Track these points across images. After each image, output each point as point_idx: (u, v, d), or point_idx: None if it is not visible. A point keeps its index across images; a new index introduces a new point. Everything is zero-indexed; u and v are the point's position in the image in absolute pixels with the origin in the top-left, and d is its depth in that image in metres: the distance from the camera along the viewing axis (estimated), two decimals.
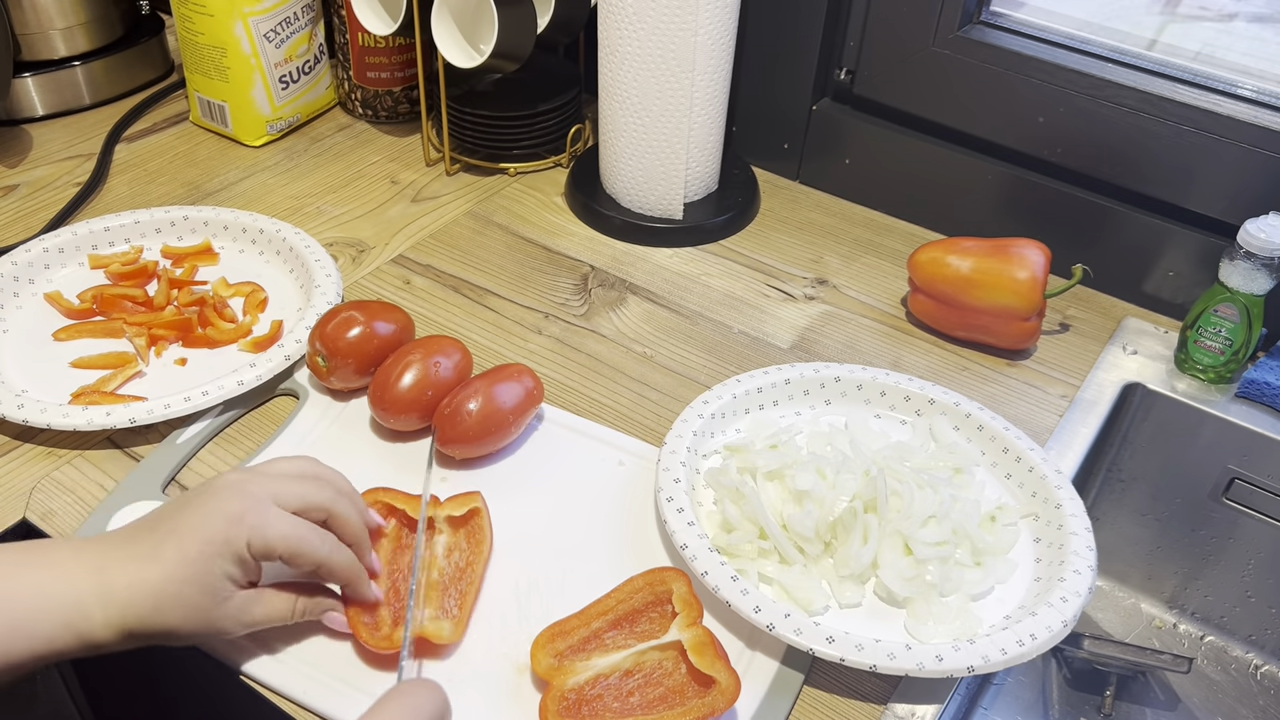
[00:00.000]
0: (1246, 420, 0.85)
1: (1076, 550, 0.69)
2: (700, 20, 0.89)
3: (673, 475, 0.71)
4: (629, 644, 0.62)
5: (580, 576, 0.69)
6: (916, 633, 0.66)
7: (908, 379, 0.81)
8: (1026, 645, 0.63)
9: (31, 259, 0.89)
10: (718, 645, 0.61)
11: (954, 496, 0.72)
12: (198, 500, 0.58)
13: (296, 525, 0.59)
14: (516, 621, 0.66)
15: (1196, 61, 0.91)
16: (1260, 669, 0.95)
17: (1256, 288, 0.82)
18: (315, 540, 0.59)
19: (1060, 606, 0.65)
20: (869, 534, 0.68)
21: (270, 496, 0.59)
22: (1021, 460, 0.76)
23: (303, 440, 0.77)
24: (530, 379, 0.76)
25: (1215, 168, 0.88)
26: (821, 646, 0.62)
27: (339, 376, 0.78)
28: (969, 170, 0.99)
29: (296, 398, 0.81)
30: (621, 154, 0.99)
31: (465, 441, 0.74)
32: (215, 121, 1.12)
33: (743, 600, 0.64)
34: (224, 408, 0.78)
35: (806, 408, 0.81)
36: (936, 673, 0.61)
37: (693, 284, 0.96)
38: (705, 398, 0.78)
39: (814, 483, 0.70)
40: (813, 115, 1.06)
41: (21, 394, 0.77)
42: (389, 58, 1.12)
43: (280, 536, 0.58)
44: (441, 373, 0.76)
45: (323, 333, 0.78)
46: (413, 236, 1.00)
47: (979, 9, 0.96)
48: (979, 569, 0.70)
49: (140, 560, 0.57)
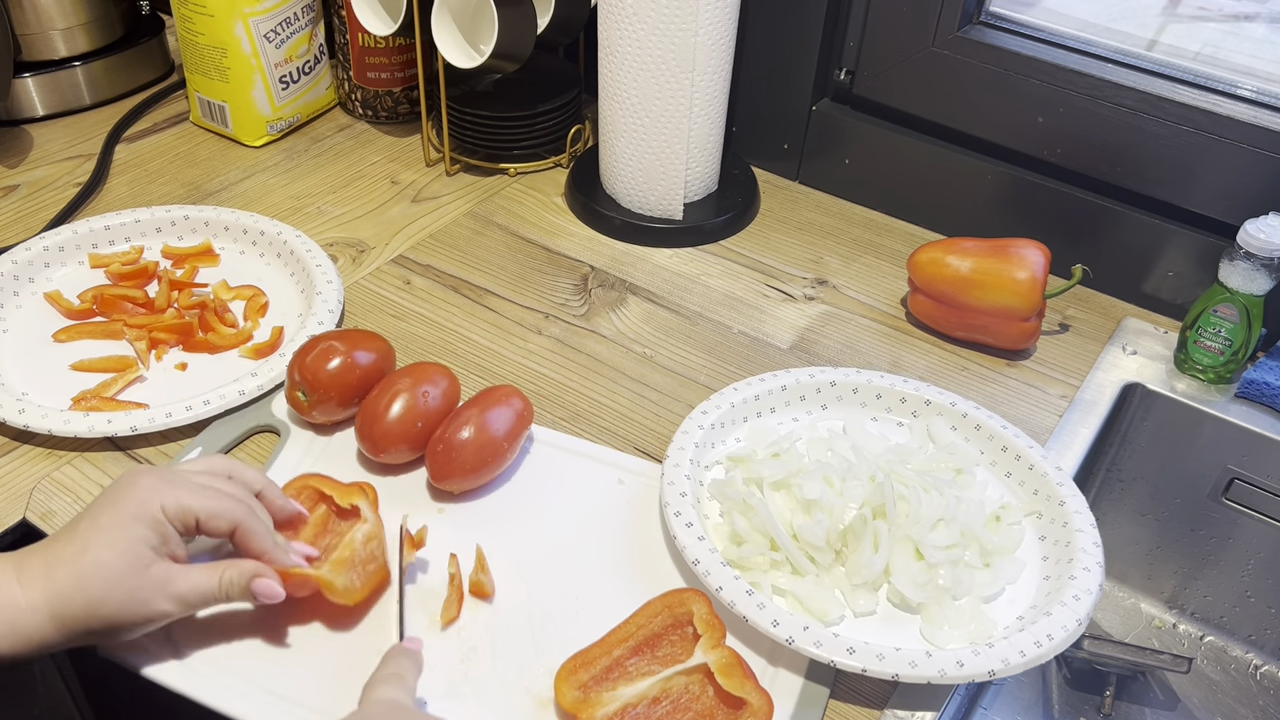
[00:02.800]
0: (1246, 420, 0.85)
1: (1084, 547, 0.69)
2: (700, 20, 0.89)
3: (678, 489, 0.70)
4: (653, 670, 0.61)
5: (593, 602, 0.67)
6: (932, 638, 0.66)
7: (903, 380, 0.81)
8: (1044, 646, 0.62)
9: (31, 258, 0.89)
10: (745, 666, 0.60)
11: (959, 498, 0.72)
12: (110, 487, 0.60)
13: (209, 488, 0.61)
14: (533, 653, 0.64)
15: (1196, 62, 0.91)
16: (1260, 669, 0.95)
17: (1256, 288, 0.82)
18: (230, 501, 0.61)
19: (1073, 605, 0.65)
20: (879, 540, 0.68)
21: (181, 474, 0.61)
22: (1021, 458, 0.76)
23: (289, 478, 0.71)
24: (519, 400, 0.74)
25: (1215, 168, 0.88)
26: (843, 658, 0.61)
27: (321, 410, 0.75)
28: (969, 170, 0.99)
29: (277, 434, 0.77)
30: (621, 154, 0.99)
31: (461, 475, 0.71)
32: (215, 122, 1.12)
33: (760, 615, 0.63)
34: (203, 448, 0.75)
35: (804, 413, 0.81)
36: (958, 679, 0.61)
37: (693, 284, 0.96)
38: (704, 407, 0.77)
39: (822, 491, 0.70)
40: (812, 115, 1.05)
41: (22, 397, 0.78)
42: (389, 58, 1.12)
43: (192, 497, 0.59)
44: (430, 402, 0.73)
45: (302, 365, 0.75)
46: (413, 237, 1.00)
47: (979, 9, 0.96)
48: (988, 570, 0.70)
49: (58, 544, 0.58)
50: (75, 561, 0.57)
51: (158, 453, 0.76)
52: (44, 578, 0.56)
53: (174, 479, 0.60)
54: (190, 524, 0.59)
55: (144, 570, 0.57)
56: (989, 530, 0.72)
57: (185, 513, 0.59)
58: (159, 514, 0.58)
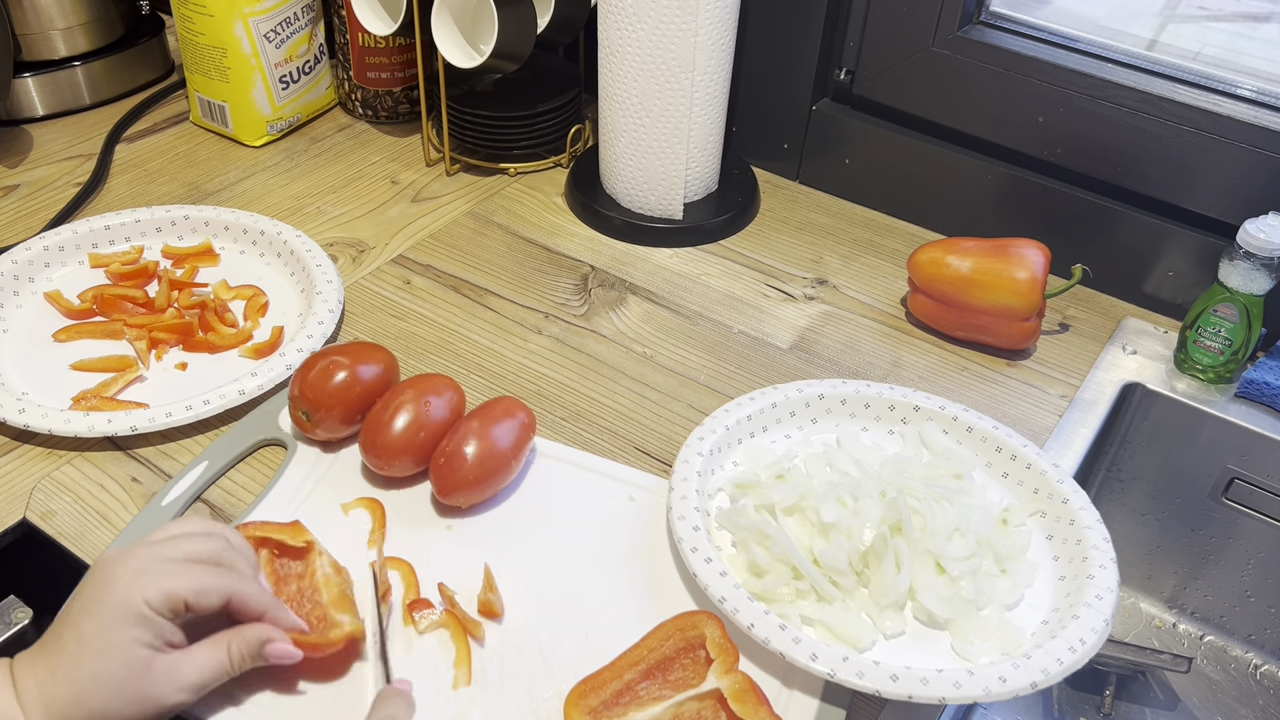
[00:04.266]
0: (1246, 420, 0.85)
1: (1095, 544, 0.68)
2: (700, 20, 0.89)
3: (690, 523, 0.68)
4: (665, 694, 0.60)
5: (603, 624, 0.66)
6: (964, 652, 0.64)
7: (889, 388, 0.80)
8: (1079, 651, 0.62)
9: (31, 257, 0.89)
10: (758, 691, 0.59)
11: (967, 504, 0.71)
12: (86, 582, 0.56)
13: (189, 566, 0.57)
14: (543, 676, 0.63)
15: (1196, 61, 0.91)
16: (1260, 669, 0.95)
17: (1256, 288, 0.82)
18: (215, 574, 0.57)
19: (1097, 605, 0.64)
20: (901, 559, 0.67)
21: (155, 555, 0.57)
22: (1017, 458, 0.76)
23: (294, 497, 0.72)
24: (523, 412, 0.73)
25: (1215, 168, 0.88)
26: (887, 686, 0.59)
27: (324, 429, 0.74)
28: (969, 170, 0.99)
29: (285, 448, 0.76)
30: (621, 154, 0.99)
31: (466, 489, 0.70)
32: (215, 121, 1.12)
33: (796, 649, 0.61)
34: (209, 462, 0.74)
35: (795, 429, 0.79)
36: (1003, 695, 0.60)
37: (693, 284, 0.96)
38: (699, 434, 0.75)
39: (838, 513, 0.68)
40: (812, 115, 1.06)
41: (22, 397, 0.78)
42: (389, 58, 1.12)
43: (175, 580, 0.56)
44: (434, 413, 0.72)
45: (303, 384, 0.74)
46: (413, 236, 1.00)
47: (979, 9, 0.96)
48: (1006, 576, 0.69)
49: (46, 658, 0.55)
50: (70, 677, 0.54)
51: (158, 452, 0.76)
52: (42, 699, 0.54)
53: (148, 565, 0.56)
54: (179, 609, 0.56)
55: (145, 671, 0.55)
56: (1000, 534, 0.71)
57: (172, 599, 0.55)
58: (144, 609, 0.54)
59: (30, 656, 0.55)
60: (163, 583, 0.55)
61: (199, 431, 0.78)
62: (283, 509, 0.71)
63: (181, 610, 0.56)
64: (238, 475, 0.75)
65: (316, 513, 0.71)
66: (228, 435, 0.77)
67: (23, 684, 0.54)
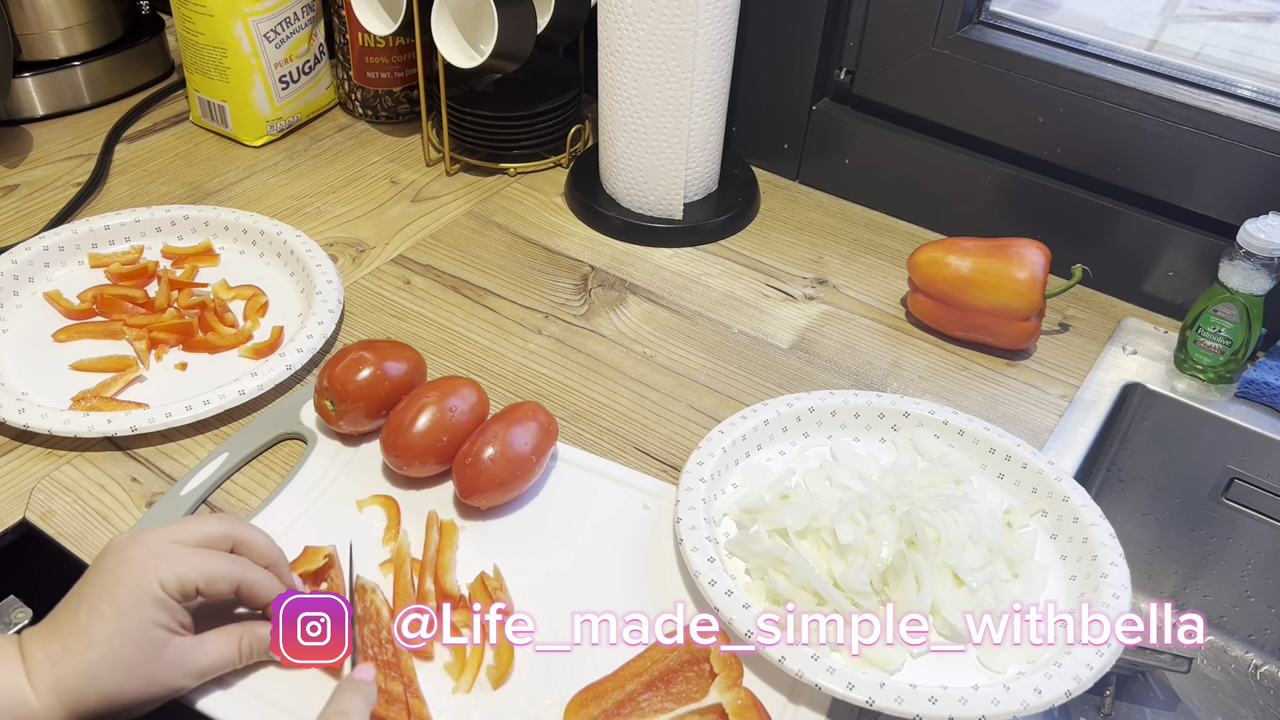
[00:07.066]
0: (1246, 420, 0.85)
1: (1102, 541, 0.68)
2: (700, 20, 0.89)
3: (704, 555, 0.66)
4: (666, 707, 0.59)
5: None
6: (991, 664, 0.64)
7: (876, 395, 0.79)
8: (1105, 654, 0.62)
9: (31, 257, 0.89)
10: (761, 708, 0.58)
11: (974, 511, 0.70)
12: (99, 563, 0.57)
13: (201, 552, 0.58)
14: (545, 684, 0.62)
15: (1197, 61, 0.91)
16: (1260, 669, 0.95)
17: (1256, 288, 0.82)
18: (226, 561, 0.58)
19: (1114, 604, 0.64)
20: (920, 575, 0.66)
21: (168, 537, 0.58)
22: (1012, 458, 0.75)
23: (312, 489, 0.73)
24: (545, 416, 0.73)
25: (1215, 168, 0.88)
26: (927, 709, 0.58)
27: (348, 420, 0.74)
28: (969, 170, 0.99)
29: (305, 442, 0.77)
30: (621, 154, 0.99)
31: (489, 490, 0.70)
32: (215, 121, 1.12)
33: (831, 680, 0.59)
34: (229, 454, 0.75)
35: (788, 444, 0.78)
36: (1040, 707, 0.59)
37: (693, 284, 0.96)
38: (699, 459, 0.73)
39: (855, 534, 0.67)
40: (812, 115, 1.06)
41: (22, 397, 0.78)
42: (389, 58, 1.12)
43: (188, 565, 0.56)
44: (457, 416, 0.72)
45: (331, 374, 0.74)
46: (413, 236, 1.00)
47: (979, 9, 0.96)
48: (1020, 581, 0.68)
49: (60, 637, 0.55)
50: (84, 656, 0.54)
51: (158, 452, 0.76)
52: (53, 676, 0.54)
53: (163, 549, 0.57)
54: (190, 593, 0.57)
55: (159, 653, 0.56)
56: (1007, 538, 0.70)
57: (184, 584, 0.56)
58: (159, 591, 0.55)
59: (41, 633, 0.56)
60: (176, 566, 0.56)
61: (199, 431, 0.78)
62: (300, 501, 0.72)
63: (193, 594, 0.57)
64: (251, 471, 0.75)
65: (331, 506, 0.72)
66: (248, 428, 0.77)
67: (33, 661, 0.55)
